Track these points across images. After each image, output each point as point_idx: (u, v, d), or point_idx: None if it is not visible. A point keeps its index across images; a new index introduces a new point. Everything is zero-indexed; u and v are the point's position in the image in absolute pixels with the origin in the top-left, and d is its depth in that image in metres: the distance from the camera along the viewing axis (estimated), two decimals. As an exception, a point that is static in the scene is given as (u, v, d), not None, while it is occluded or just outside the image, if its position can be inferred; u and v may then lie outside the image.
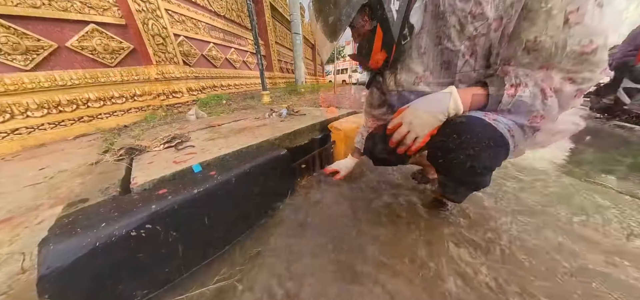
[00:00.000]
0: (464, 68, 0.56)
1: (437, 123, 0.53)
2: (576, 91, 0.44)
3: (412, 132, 0.53)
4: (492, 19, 0.46)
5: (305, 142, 1.28)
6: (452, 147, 0.53)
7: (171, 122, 1.84)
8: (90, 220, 0.52)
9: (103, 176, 0.81)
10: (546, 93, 0.44)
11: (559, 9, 0.39)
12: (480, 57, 0.54)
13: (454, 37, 0.54)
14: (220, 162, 0.86)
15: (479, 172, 0.54)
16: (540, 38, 0.42)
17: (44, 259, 0.43)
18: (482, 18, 0.47)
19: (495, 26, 0.47)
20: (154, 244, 0.57)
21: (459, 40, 0.54)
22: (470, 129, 0.51)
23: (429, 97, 0.56)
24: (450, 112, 0.52)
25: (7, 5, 1.60)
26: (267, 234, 0.82)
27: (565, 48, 0.40)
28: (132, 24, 2.26)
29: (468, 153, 0.51)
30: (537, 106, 0.46)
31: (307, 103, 2.65)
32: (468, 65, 0.56)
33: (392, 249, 0.72)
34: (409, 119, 0.54)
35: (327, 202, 1.00)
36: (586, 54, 0.40)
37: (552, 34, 0.40)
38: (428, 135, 0.53)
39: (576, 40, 0.40)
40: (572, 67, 0.42)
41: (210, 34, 3.54)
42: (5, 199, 0.72)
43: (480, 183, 0.60)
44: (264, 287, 0.62)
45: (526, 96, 0.46)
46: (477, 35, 0.51)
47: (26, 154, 1.37)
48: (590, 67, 0.41)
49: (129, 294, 0.55)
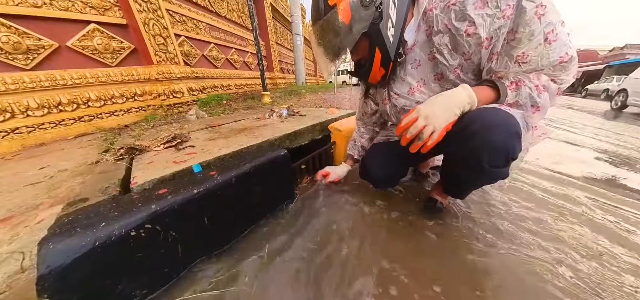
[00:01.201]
0: (456, 81, 0.62)
1: (453, 117, 0.53)
2: (557, 89, 0.53)
3: (430, 126, 0.53)
4: (484, 38, 0.54)
5: (306, 142, 1.28)
6: (474, 134, 0.52)
7: (171, 122, 1.84)
8: (90, 219, 0.52)
9: (103, 176, 0.81)
10: (539, 88, 0.52)
11: (539, 31, 0.49)
12: (470, 71, 0.62)
13: (446, 53, 0.61)
14: (220, 162, 0.86)
15: (503, 158, 0.53)
16: (527, 53, 0.51)
17: (43, 258, 0.43)
18: (475, 37, 0.55)
19: (486, 45, 0.55)
20: (153, 243, 0.57)
21: (452, 57, 0.61)
22: (490, 115, 0.52)
23: (442, 93, 0.56)
24: (465, 106, 0.54)
25: (8, 5, 1.60)
26: (267, 235, 0.81)
27: (549, 58, 0.50)
28: (133, 24, 2.27)
29: (492, 139, 0.51)
30: (536, 98, 0.53)
31: (307, 103, 2.65)
32: (459, 79, 0.62)
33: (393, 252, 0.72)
34: (425, 112, 0.54)
35: (327, 203, 1.00)
36: (564, 62, 0.50)
37: (535, 49, 0.50)
38: (444, 129, 0.53)
39: (556, 53, 0.50)
40: (554, 72, 0.52)
41: (211, 35, 3.55)
42: (5, 197, 0.72)
43: (504, 173, 0.58)
44: (263, 287, 0.62)
45: (525, 90, 0.53)
46: (470, 52, 0.58)
47: (26, 153, 1.37)
48: (567, 72, 0.52)
49: (128, 294, 0.55)
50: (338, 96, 3.90)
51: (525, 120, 0.56)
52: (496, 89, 0.56)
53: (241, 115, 1.92)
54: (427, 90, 0.70)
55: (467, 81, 0.62)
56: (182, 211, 0.61)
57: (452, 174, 0.74)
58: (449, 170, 0.75)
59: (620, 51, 23.89)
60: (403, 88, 0.74)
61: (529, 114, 0.56)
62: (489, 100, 0.56)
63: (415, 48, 0.68)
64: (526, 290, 0.57)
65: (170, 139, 1.11)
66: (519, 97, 0.53)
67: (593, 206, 0.93)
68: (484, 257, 0.67)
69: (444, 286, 0.59)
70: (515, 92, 0.53)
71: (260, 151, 0.95)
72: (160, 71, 2.48)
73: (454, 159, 0.65)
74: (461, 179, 0.70)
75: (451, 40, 0.59)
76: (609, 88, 11.18)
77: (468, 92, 0.54)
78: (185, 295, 0.60)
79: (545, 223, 0.81)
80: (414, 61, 0.69)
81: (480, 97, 0.55)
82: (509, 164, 0.56)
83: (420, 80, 0.70)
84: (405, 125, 0.56)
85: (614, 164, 1.45)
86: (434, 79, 0.67)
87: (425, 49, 0.66)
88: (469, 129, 0.53)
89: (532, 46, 0.50)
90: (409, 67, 0.71)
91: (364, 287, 0.60)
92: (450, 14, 0.57)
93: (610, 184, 1.16)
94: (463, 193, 0.80)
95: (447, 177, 0.78)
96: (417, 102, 0.70)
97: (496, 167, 0.55)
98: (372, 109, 0.96)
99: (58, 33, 1.84)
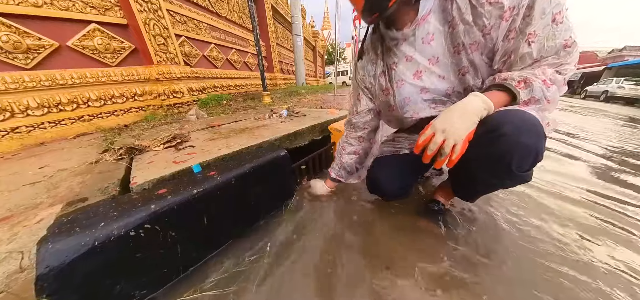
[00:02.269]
0: (472, 57, 0.59)
1: (472, 125, 0.51)
2: (563, 80, 0.52)
3: (450, 139, 0.50)
4: (507, 7, 0.52)
5: (306, 143, 1.28)
6: (504, 137, 0.51)
7: (171, 122, 1.84)
8: (89, 219, 0.52)
9: (103, 175, 0.81)
10: (546, 83, 0.51)
11: (549, 11, 0.49)
12: (485, 53, 0.58)
13: (467, 27, 0.57)
14: (220, 163, 0.86)
15: (532, 161, 0.52)
16: (537, 32, 0.50)
17: (42, 258, 0.43)
18: (498, 6, 0.52)
19: (507, 16, 0.53)
20: (153, 244, 0.57)
21: (470, 32, 0.57)
22: (517, 117, 0.50)
23: (454, 105, 0.53)
24: (482, 113, 0.51)
25: (9, 4, 1.60)
26: (267, 235, 0.81)
27: (555, 40, 0.50)
28: (133, 24, 2.27)
29: (523, 142, 0.50)
30: (545, 93, 0.51)
31: (307, 104, 2.65)
32: (473, 58, 0.59)
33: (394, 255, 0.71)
34: (442, 126, 0.51)
35: (327, 203, 1.00)
36: (568, 46, 0.50)
37: (544, 29, 0.50)
38: (466, 140, 0.51)
39: (561, 36, 0.49)
40: (558, 60, 0.51)
41: (211, 35, 3.55)
42: (5, 197, 0.72)
43: (529, 176, 0.57)
44: (263, 287, 0.62)
45: (538, 83, 0.51)
46: (490, 26, 0.54)
47: (26, 152, 1.37)
48: (570, 58, 0.51)
49: (127, 294, 0.55)
50: (338, 97, 3.90)
51: (540, 117, 0.54)
52: (507, 92, 0.54)
53: (241, 115, 1.92)
54: (439, 69, 0.63)
55: (479, 62, 0.59)
56: (181, 211, 0.61)
57: (470, 177, 0.67)
58: (467, 173, 0.67)
59: (619, 53, 23.95)
60: (409, 70, 0.67)
61: (544, 108, 0.54)
62: (503, 103, 0.54)
63: (430, 18, 0.61)
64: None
65: (170, 139, 1.11)
66: (534, 93, 0.51)
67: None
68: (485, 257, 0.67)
69: (444, 287, 0.59)
70: (527, 89, 0.52)
71: (260, 151, 0.95)
72: (160, 71, 2.48)
73: (477, 163, 0.59)
74: (481, 182, 0.65)
75: (472, 11, 0.55)
76: (609, 89, 11.21)
77: (481, 98, 0.52)
78: (185, 296, 0.60)
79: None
80: (427, 34, 0.62)
81: (495, 101, 0.53)
82: (534, 167, 0.55)
83: (432, 58, 0.63)
84: (423, 143, 0.53)
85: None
86: (454, 52, 0.61)
87: (443, 17, 0.60)
88: (499, 132, 0.51)
89: (542, 25, 0.50)
90: (420, 42, 0.63)
91: (364, 286, 0.60)
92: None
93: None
94: (476, 196, 0.78)
95: (463, 179, 0.73)
96: (423, 88, 0.66)
97: (524, 171, 0.54)
98: (367, 106, 0.84)
99: (58, 33, 1.84)
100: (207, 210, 0.68)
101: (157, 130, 1.55)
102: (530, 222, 0.84)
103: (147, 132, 1.51)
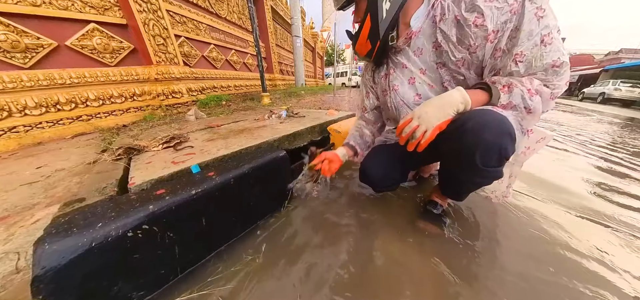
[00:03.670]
0: (457, 72, 0.64)
1: (445, 116, 0.55)
2: (550, 94, 0.54)
3: (422, 125, 0.55)
4: (491, 30, 0.55)
5: (305, 144, 1.28)
6: (468, 132, 0.54)
7: (170, 123, 1.84)
8: (87, 220, 0.52)
9: (101, 176, 0.81)
10: (531, 92, 0.53)
11: (537, 33, 0.51)
12: (473, 68, 0.62)
13: (451, 45, 0.61)
14: (219, 163, 0.86)
15: (496, 157, 0.55)
16: (524, 52, 0.53)
17: (39, 258, 0.43)
18: (482, 28, 0.56)
19: (492, 38, 0.56)
20: (150, 245, 0.57)
21: (457, 49, 0.61)
22: (484, 115, 0.53)
23: (438, 96, 0.58)
24: (459, 107, 0.55)
25: (7, 3, 1.60)
26: (266, 236, 0.81)
27: (543, 60, 0.52)
28: (133, 24, 2.26)
29: (485, 138, 0.53)
30: (527, 101, 0.54)
31: (306, 105, 2.66)
32: (459, 73, 0.64)
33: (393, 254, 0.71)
34: (418, 114, 0.57)
35: (326, 205, 1.00)
36: (557, 66, 0.52)
37: (531, 49, 0.52)
38: (437, 127, 0.55)
39: (549, 56, 0.51)
40: (546, 77, 0.53)
41: (211, 36, 3.55)
42: (1, 197, 0.71)
43: (498, 173, 0.60)
44: (262, 288, 0.61)
45: (517, 92, 0.54)
46: (475, 46, 0.58)
47: (23, 152, 1.36)
48: (559, 77, 0.53)
49: (124, 296, 0.54)
50: (337, 98, 3.91)
51: (520, 123, 0.58)
52: (489, 92, 0.57)
53: (240, 116, 1.92)
54: (428, 79, 0.69)
55: (468, 76, 0.63)
56: (180, 212, 0.61)
57: (448, 174, 0.74)
58: (445, 170, 0.75)
59: (615, 55, 24.16)
60: (404, 76, 0.73)
61: (522, 116, 0.57)
62: (482, 102, 0.58)
63: (420, 35, 0.67)
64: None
65: (168, 140, 1.11)
66: (512, 98, 0.54)
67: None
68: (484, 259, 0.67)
69: (444, 288, 0.59)
70: (508, 94, 0.55)
71: (259, 152, 0.95)
72: (159, 71, 2.47)
73: (448, 157, 0.67)
74: (457, 178, 0.70)
75: (458, 32, 0.59)
76: (606, 92, 11.31)
77: (461, 94, 0.55)
78: (183, 297, 0.59)
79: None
80: (417, 49, 0.69)
81: (473, 99, 0.56)
82: (503, 164, 0.58)
83: (421, 68, 0.70)
84: (402, 126, 0.59)
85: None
86: (436, 68, 0.67)
87: (431, 37, 0.66)
88: (463, 128, 0.55)
89: (529, 46, 0.52)
90: (411, 54, 0.70)
91: (362, 287, 0.60)
92: (460, 5, 0.58)
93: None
94: (461, 195, 0.80)
95: (444, 177, 0.79)
96: (417, 94, 0.71)
97: (489, 166, 0.56)
98: (374, 103, 0.92)
99: (57, 32, 1.83)
100: (206, 211, 0.68)
101: (156, 130, 1.54)
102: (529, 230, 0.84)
103: (145, 133, 1.51)
